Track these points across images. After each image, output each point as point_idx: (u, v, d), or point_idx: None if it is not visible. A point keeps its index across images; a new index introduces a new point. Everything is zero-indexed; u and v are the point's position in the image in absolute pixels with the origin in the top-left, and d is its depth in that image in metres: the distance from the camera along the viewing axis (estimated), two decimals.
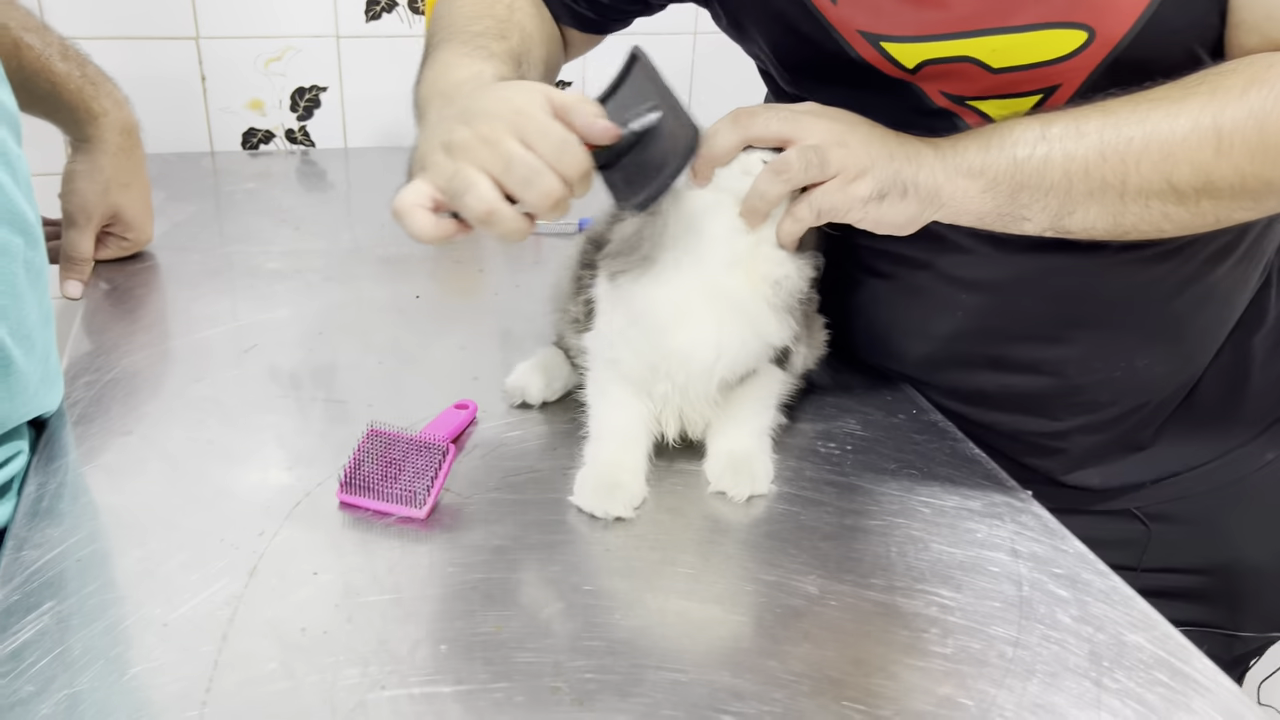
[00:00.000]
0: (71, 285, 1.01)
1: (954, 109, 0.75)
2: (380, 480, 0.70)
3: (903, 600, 0.65)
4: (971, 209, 0.69)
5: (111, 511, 0.70)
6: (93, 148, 1.01)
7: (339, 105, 1.44)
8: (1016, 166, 0.67)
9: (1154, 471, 0.90)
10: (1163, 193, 0.66)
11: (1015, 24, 0.69)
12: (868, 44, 0.74)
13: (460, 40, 0.78)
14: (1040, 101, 0.73)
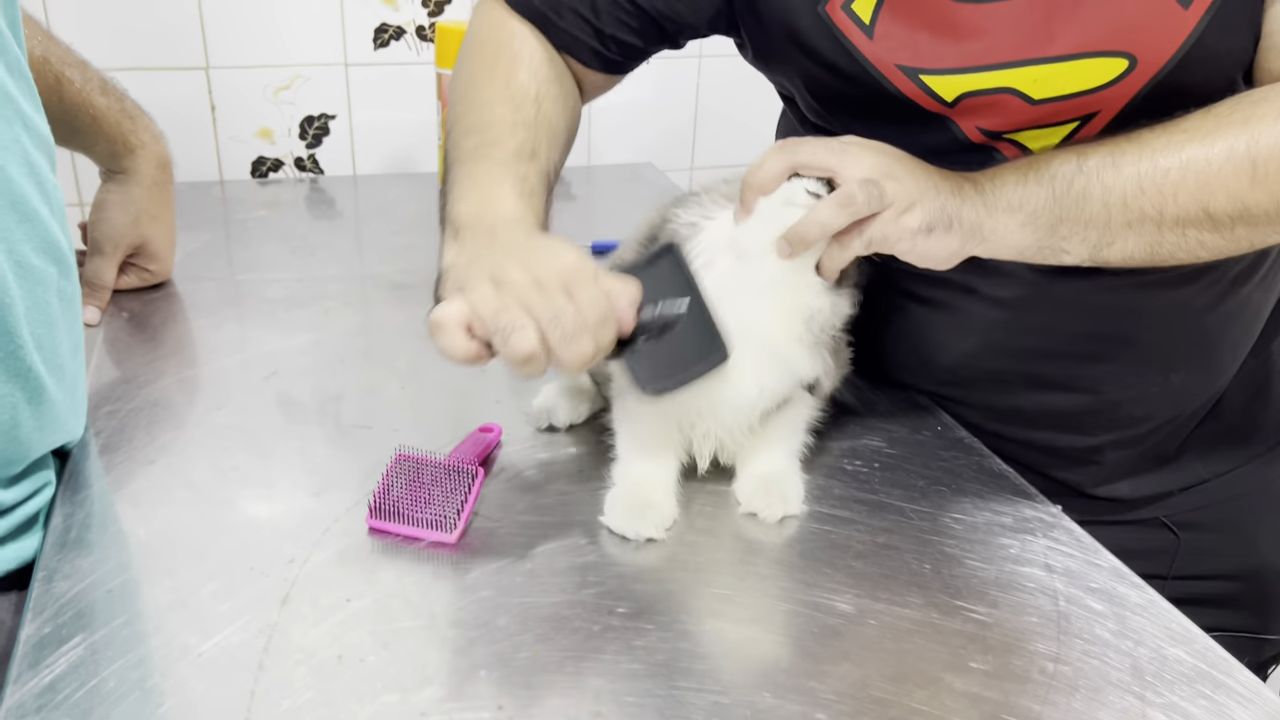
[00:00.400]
0: (90, 311, 1.01)
1: (991, 143, 0.76)
2: (410, 505, 0.70)
3: (940, 618, 0.65)
4: (1012, 243, 0.69)
5: (140, 541, 0.70)
6: (127, 179, 1.02)
7: (348, 132, 1.45)
8: (1055, 200, 0.68)
9: (1181, 480, 0.90)
10: (1199, 221, 0.67)
11: (1056, 54, 0.70)
12: (906, 78, 0.74)
13: (499, 162, 0.76)
14: (1077, 129, 0.73)
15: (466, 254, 0.69)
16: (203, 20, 1.32)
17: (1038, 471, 0.87)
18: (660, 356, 0.68)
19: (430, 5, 1.41)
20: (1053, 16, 0.69)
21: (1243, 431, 0.90)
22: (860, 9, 0.74)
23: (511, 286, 0.63)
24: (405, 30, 1.42)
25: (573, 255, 0.65)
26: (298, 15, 1.36)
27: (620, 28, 0.83)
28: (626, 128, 1.59)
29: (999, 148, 0.76)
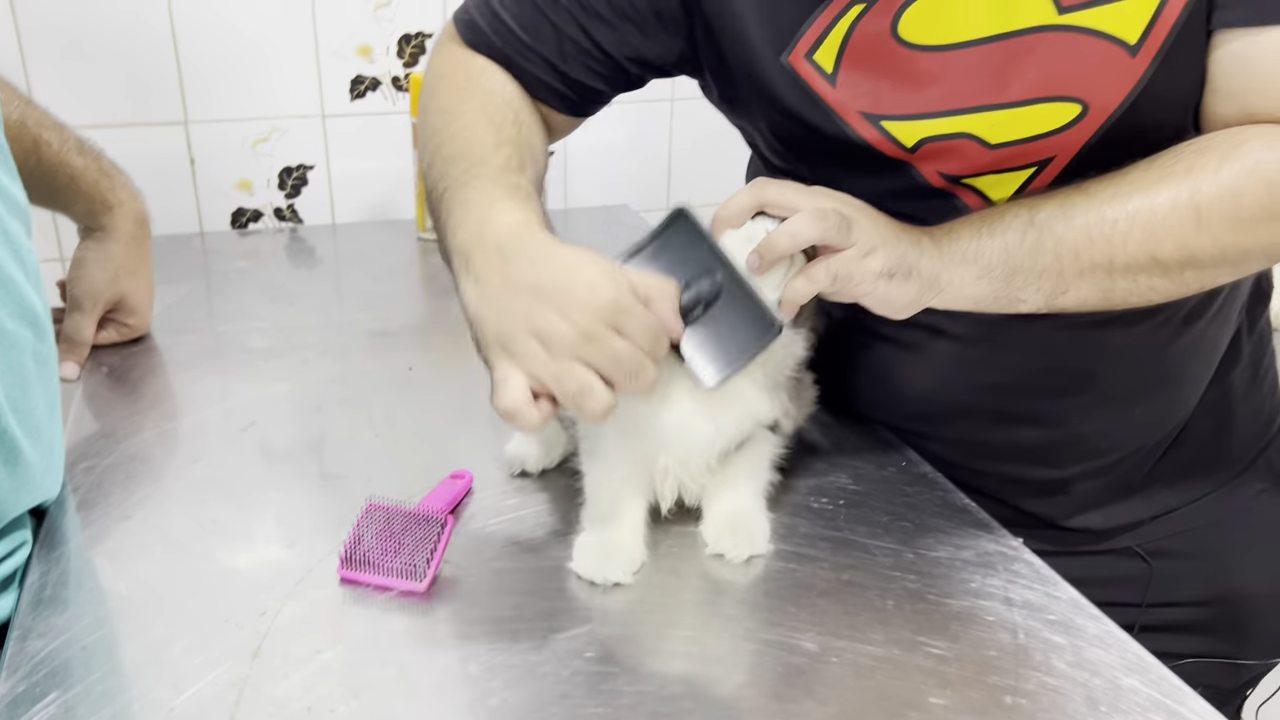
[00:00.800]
0: (68, 367, 1.02)
1: (950, 189, 0.78)
2: (380, 555, 0.71)
3: (901, 654, 0.66)
4: (968, 294, 0.71)
5: (115, 597, 0.71)
6: (106, 236, 1.04)
7: (326, 182, 1.47)
8: (1009, 252, 0.70)
9: (1151, 509, 0.92)
10: (1148, 268, 0.69)
11: (1011, 100, 0.72)
12: (869, 124, 0.76)
13: (488, 179, 0.74)
14: (1034, 174, 0.75)
15: (489, 292, 0.67)
16: (181, 76, 1.35)
17: (1009, 504, 0.88)
18: (711, 343, 0.68)
19: (405, 56, 1.44)
20: (1007, 64, 0.72)
21: (1208, 460, 0.92)
22: (823, 58, 0.76)
23: (562, 343, 0.63)
24: (381, 81, 1.44)
25: (605, 283, 0.64)
26: (275, 69, 1.39)
27: (585, 72, 0.84)
28: (602, 170, 1.62)
29: (959, 194, 0.78)
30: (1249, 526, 0.94)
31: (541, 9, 0.82)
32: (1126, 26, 0.69)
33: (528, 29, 0.83)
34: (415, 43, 1.44)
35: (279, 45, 1.38)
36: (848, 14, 0.74)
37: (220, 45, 1.35)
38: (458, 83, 0.84)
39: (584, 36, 0.82)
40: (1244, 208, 0.68)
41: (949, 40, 0.72)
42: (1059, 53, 0.71)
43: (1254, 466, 0.94)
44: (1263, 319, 0.94)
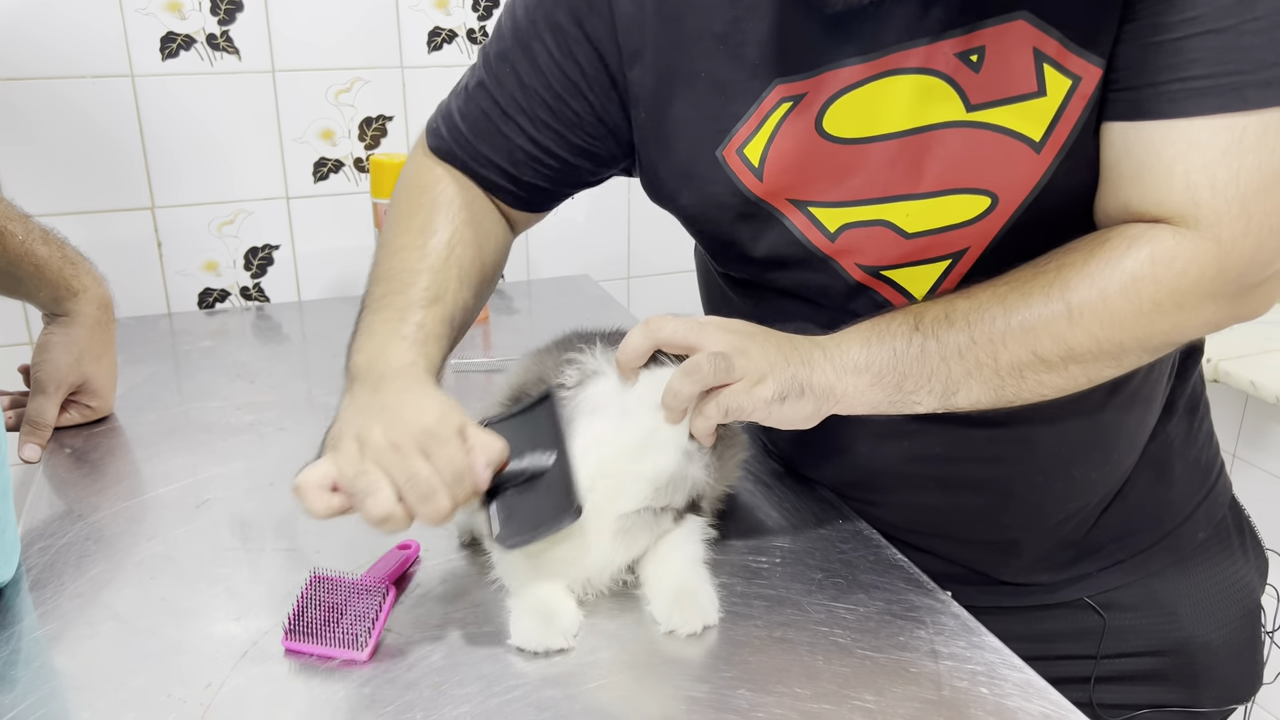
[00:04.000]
0: (29, 449, 1.05)
1: (870, 282, 0.81)
2: (323, 625, 0.73)
3: (829, 708, 0.68)
4: (864, 401, 0.75)
5: (64, 675, 0.72)
6: (70, 321, 1.07)
7: (291, 261, 1.51)
8: (897, 359, 0.73)
9: (1099, 562, 0.94)
10: (1033, 364, 0.72)
11: (925, 190, 0.76)
12: (797, 210, 0.80)
13: (397, 310, 0.81)
14: (950, 266, 0.79)
15: (352, 408, 0.75)
16: (147, 163, 1.39)
17: (958, 563, 0.91)
18: (519, 509, 0.73)
19: (366, 139, 1.49)
20: (921, 156, 0.76)
21: (1151, 510, 0.94)
22: (750, 152, 0.79)
23: (372, 448, 0.70)
24: (344, 163, 1.49)
25: (434, 413, 0.71)
26: (239, 153, 1.44)
27: (536, 176, 0.88)
28: (563, 242, 1.66)
29: (879, 288, 0.81)
30: (1194, 576, 0.95)
31: (492, 119, 0.87)
32: (1031, 125, 0.73)
33: (481, 137, 0.88)
34: (376, 125, 1.49)
35: (243, 130, 1.43)
36: (777, 110, 0.78)
37: (185, 132, 1.40)
38: (413, 195, 0.90)
39: (532, 145, 0.86)
40: (1111, 302, 0.70)
41: (868, 134, 0.76)
42: (969, 147, 0.74)
43: (1194, 516, 0.96)
44: (1195, 372, 0.97)
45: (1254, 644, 1.00)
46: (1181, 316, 0.71)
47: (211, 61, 1.38)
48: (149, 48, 1.36)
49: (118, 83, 1.35)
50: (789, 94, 0.77)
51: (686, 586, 0.78)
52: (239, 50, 1.39)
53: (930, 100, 0.74)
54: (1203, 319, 0.72)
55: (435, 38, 1.49)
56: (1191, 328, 0.72)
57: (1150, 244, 0.69)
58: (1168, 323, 0.71)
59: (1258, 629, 1.00)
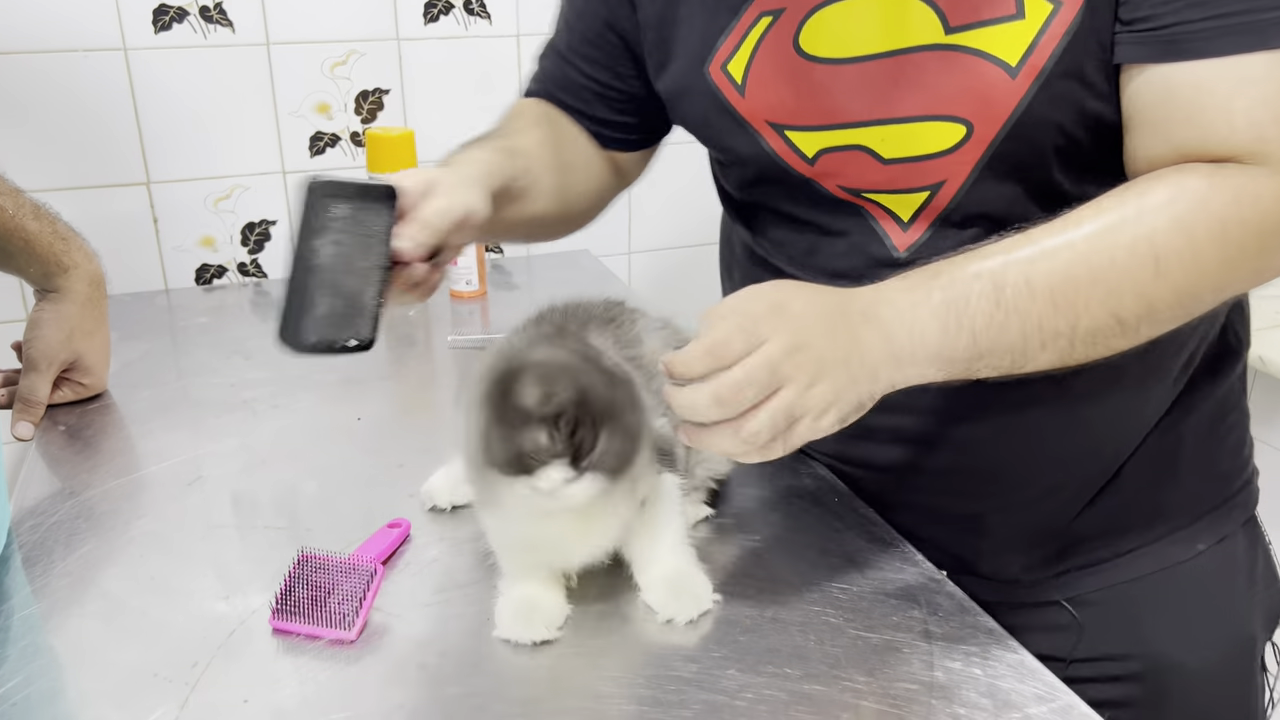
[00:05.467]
0: (23, 427, 1.04)
1: (857, 201, 0.81)
2: (310, 604, 0.73)
3: (818, 688, 0.67)
4: (923, 380, 0.68)
5: (50, 653, 0.72)
6: (61, 297, 1.06)
7: (289, 237, 1.50)
8: (975, 340, 0.67)
9: (1078, 558, 0.90)
10: (1109, 329, 0.67)
11: (900, 115, 0.75)
12: (775, 134, 0.80)
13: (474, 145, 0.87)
14: (929, 198, 0.78)
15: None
16: (141, 138, 1.38)
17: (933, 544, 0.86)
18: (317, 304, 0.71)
19: (363, 113, 1.48)
20: (898, 79, 0.75)
21: (1145, 510, 0.89)
22: (734, 69, 0.81)
23: None
24: (340, 137, 1.48)
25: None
26: (235, 128, 1.42)
27: (611, 111, 0.95)
28: None
29: (865, 205, 0.81)
30: (1181, 589, 0.90)
31: (559, 63, 0.96)
32: (1007, 49, 0.71)
33: (556, 82, 0.96)
34: (372, 99, 1.47)
35: (238, 104, 1.41)
36: (757, 25, 0.78)
37: (180, 106, 1.39)
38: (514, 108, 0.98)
39: (593, 82, 0.93)
40: (1201, 253, 0.66)
41: (844, 54, 0.76)
42: (945, 71, 0.73)
43: (1197, 525, 0.90)
44: (1232, 374, 0.91)
45: (1246, 683, 0.93)
46: (1261, 261, 0.68)
47: (205, 34, 1.37)
48: (141, 20, 1.34)
49: (110, 56, 1.34)
50: (767, 8, 0.78)
51: (677, 573, 0.76)
52: (232, 23, 1.38)
53: (908, 20, 0.73)
54: (1275, 264, 0.69)
55: (432, 9, 1.47)
56: (1269, 273, 0.69)
57: (1232, 182, 0.66)
58: (1248, 268, 0.68)
59: (1253, 667, 0.93)
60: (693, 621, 0.74)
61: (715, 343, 0.63)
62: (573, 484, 0.66)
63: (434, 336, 1.34)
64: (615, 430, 0.67)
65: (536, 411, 0.65)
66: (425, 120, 1.50)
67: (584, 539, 0.73)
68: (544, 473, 0.66)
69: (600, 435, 0.66)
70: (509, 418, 0.66)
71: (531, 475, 0.66)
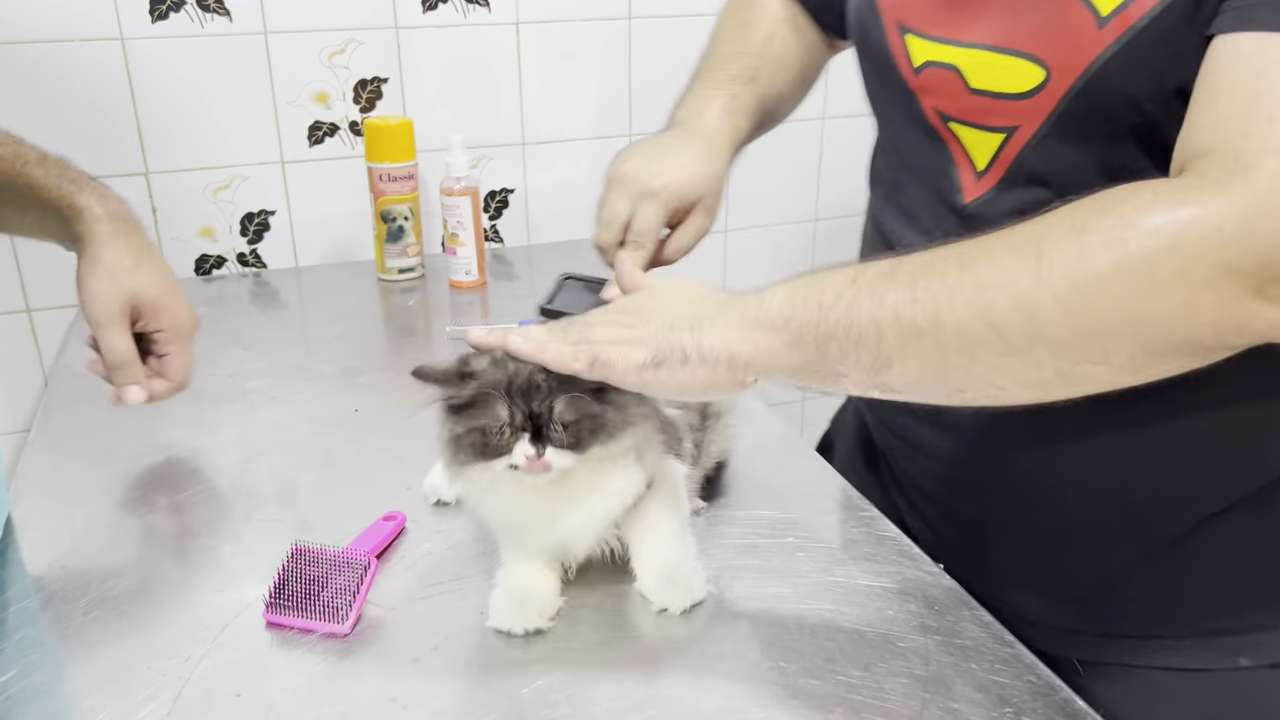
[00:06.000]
0: (129, 392, 0.91)
1: (943, 132, 0.79)
2: (304, 598, 0.73)
3: (812, 682, 0.67)
4: (780, 364, 0.64)
5: (45, 647, 0.72)
6: (86, 245, 0.94)
7: (288, 227, 1.49)
8: (822, 314, 0.62)
9: (1103, 624, 0.81)
10: (985, 338, 0.57)
11: (987, 42, 0.74)
12: (897, 33, 0.81)
13: (718, 83, 0.97)
14: (1004, 141, 0.74)
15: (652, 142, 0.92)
16: (139, 128, 1.38)
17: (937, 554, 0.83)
18: None
19: (362, 102, 1.47)
20: (991, 3, 0.74)
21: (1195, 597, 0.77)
22: None
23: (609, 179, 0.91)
24: (339, 127, 1.47)
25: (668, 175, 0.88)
26: (233, 117, 1.41)
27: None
28: (563, 206, 1.64)
29: (949, 141, 0.79)
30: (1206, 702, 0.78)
31: None
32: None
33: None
34: (371, 87, 1.47)
35: (236, 94, 1.41)
36: None
37: (177, 96, 1.38)
38: (740, 5, 1.04)
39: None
40: (1090, 260, 0.55)
41: None
42: (1036, 3, 0.70)
43: (1249, 636, 0.77)
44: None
45: None
46: (1183, 292, 0.54)
47: (202, 23, 1.36)
48: (138, 10, 1.33)
49: (107, 46, 1.33)
50: None
51: (672, 562, 0.76)
52: (229, 11, 1.37)
53: None
54: (1212, 304, 0.54)
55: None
56: (1199, 316, 0.55)
57: (1161, 185, 0.56)
58: (1164, 299, 0.54)
59: None
60: (686, 612, 0.74)
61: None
62: (542, 458, 0.67)
63: (433, 326, 1.34)
64: (577, 398, 0.68)
65: (489, 381, 0.68)
66: (424, 109, 1.49)
67: (579, 517, 0.73)
68: (515, 449, 0.67)
69: (557, 403, 0.67)
70: (466, 400, 0.68)
71: (500, 456, 0.68)
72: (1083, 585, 0.82)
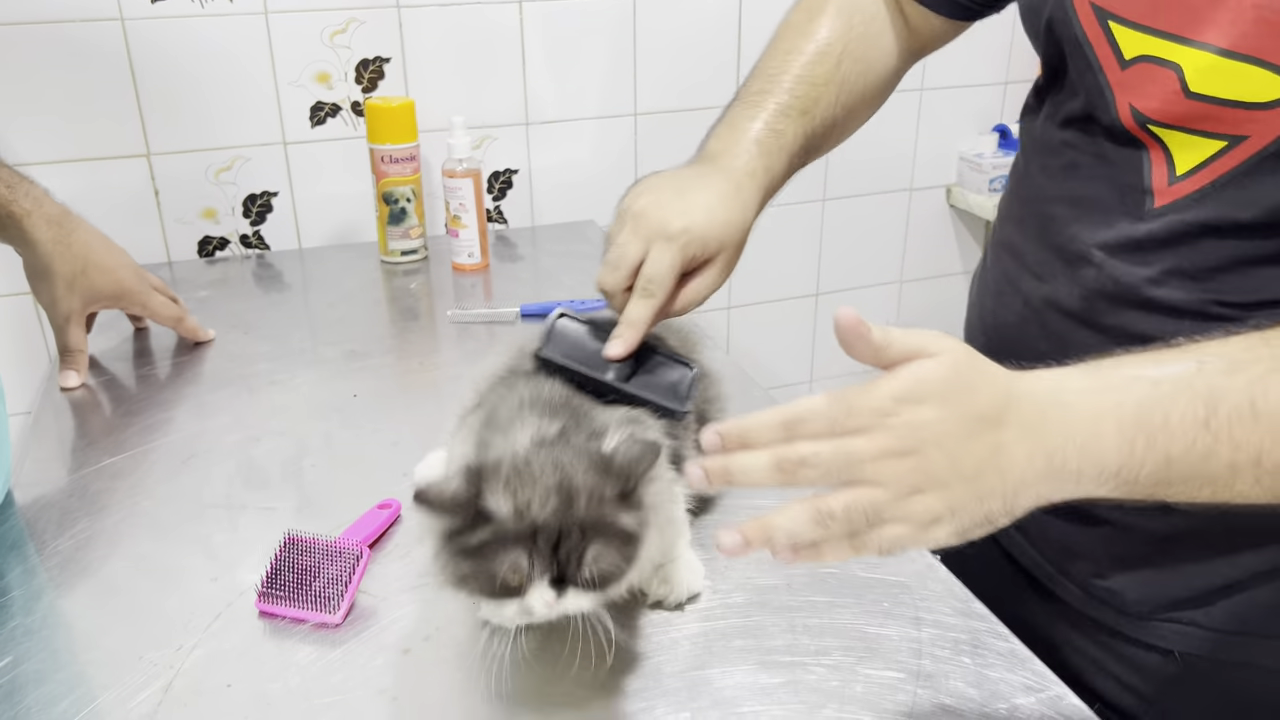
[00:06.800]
0: (66, 375, 1.08)
1: (1140, 135, 0.70)
2: (296, 588, 0.72)
3: (806, 676, 0.67)
4: (1080, 498, 0.56)
5: (38, 635, 0.72)
6: (31, 250, 1.04)
7: (290, 208, 1.49)
8: (1169, 465, 0.54)
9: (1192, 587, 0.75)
10: None
11: (1219, 45, 0.64)
12: (1095, 20, 0.70)
13: (764, 111, 0.84)
14: (1225, 149, 0.66)
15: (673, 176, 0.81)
16: (140, 109, 1.37)
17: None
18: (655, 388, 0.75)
19: (364, 82, 1.46)
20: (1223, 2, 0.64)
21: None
22: None
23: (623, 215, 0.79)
24: (340, 107, 1.46)
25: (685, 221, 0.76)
26: (234, 98, 1.41)
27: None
28: (568, 187, 1.63)
29: (1148, 145, 0.70)
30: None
31: None
32: None
33: None
34: (373, 68, 1.46)
35: (237, 74, 1.40)
36: None
37: (178, 76, 1.37)
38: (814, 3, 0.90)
39: None
40: None
41: None
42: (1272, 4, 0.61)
43: None
44: None
45: None
46: None
47: (202, 3, 1.35)
48: None
49: (108, 27, 1.33)
50: None
51: (671, 557, 0.74)
52: None
53: None
54: None
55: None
56: None
57: None
58: None
59: None
60: (681, 605, 0.73)
61: (793, 416, 0.54)
62: (560, 602, 0.60)
63: (436, 309, 1.33)
64: (608, 545, 0.59)
65: (509, 532, 0.58)
66: (426, 89, 1.48)
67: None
68: (529, 595, 0.59)
69: (589, 552, 0.59)
70: (477, 538, 0.59)
71: (511, 598, 0.59)
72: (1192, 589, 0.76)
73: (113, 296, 1.10)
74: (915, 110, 1.80)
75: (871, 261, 1.90)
